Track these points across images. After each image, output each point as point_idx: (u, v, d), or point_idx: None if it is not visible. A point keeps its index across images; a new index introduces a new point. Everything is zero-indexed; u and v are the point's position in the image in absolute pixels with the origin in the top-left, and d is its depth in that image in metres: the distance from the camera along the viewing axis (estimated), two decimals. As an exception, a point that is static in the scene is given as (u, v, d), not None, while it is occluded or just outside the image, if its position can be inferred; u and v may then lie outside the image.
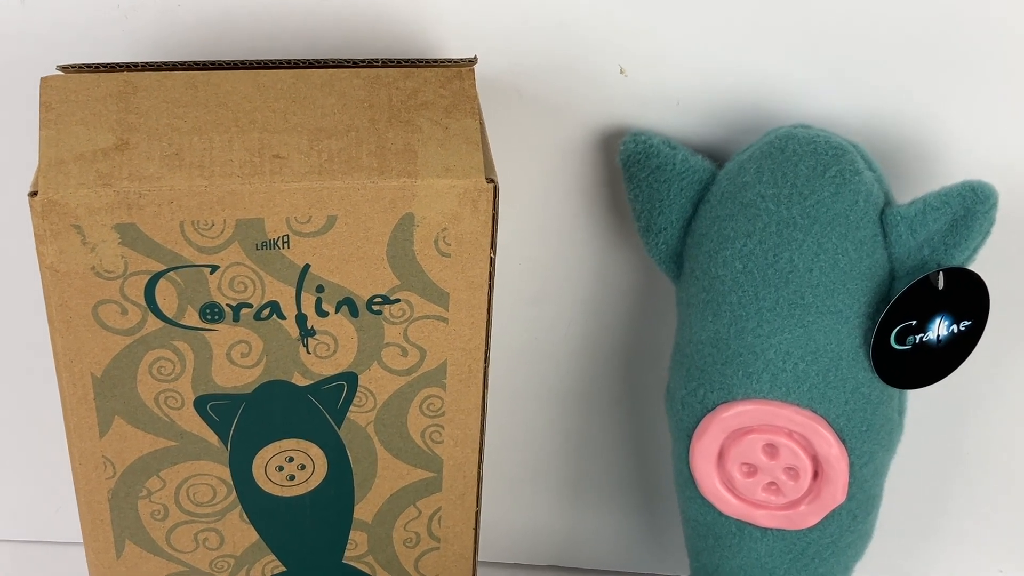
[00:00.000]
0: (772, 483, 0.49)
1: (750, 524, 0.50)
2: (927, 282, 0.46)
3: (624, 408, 0.58)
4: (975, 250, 0.47)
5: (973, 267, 0.47)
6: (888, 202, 0.48)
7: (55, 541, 0.62)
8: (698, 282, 0.49)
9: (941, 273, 0.46)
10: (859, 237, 0.46)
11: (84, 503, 0.47)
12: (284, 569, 0.50)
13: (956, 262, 0.47)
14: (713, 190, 0.49)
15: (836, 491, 0.49)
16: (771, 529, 0.50)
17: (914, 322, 0.47)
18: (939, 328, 0.47)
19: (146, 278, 0.42)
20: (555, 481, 0.60)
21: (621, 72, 0.49)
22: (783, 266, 0.46)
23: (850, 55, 0.48)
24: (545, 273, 0.54)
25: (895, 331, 0.47)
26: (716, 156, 0.50)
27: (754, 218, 0.47)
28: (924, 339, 0.47)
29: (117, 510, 0.47)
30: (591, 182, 0.52)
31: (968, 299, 0.47)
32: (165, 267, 0.42)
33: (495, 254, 0.44)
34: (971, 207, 0.46)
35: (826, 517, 0.50)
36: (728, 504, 0.50)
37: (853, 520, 0.50)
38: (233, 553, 0.49)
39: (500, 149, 0.49)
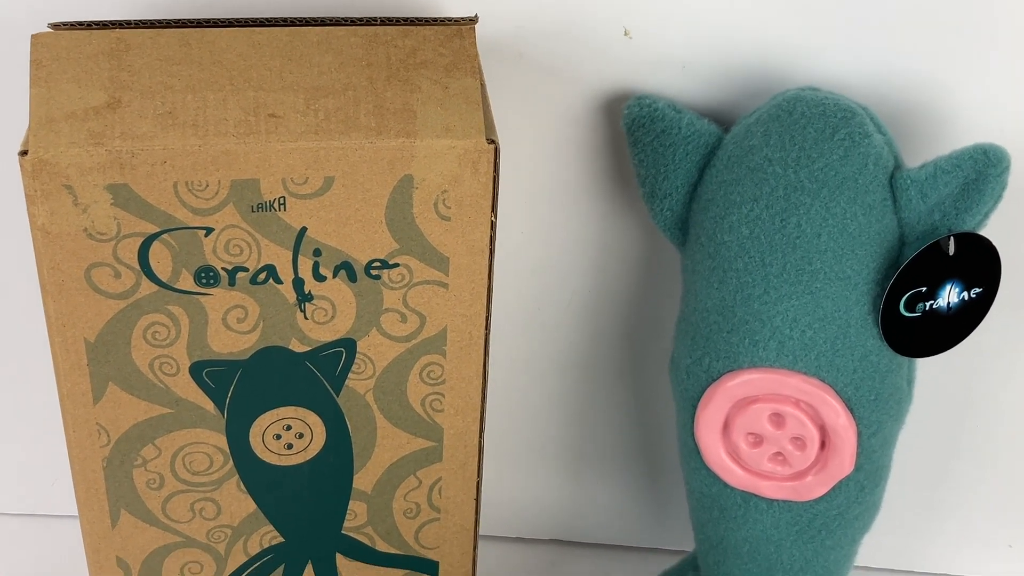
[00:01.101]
0: (778, 453, 0.48)
1: (756, 495, 0.49)
2: (937, 248, 0.46)
3: (628, 379, 0.57)
4: (987, 215, 0.46)
5: (984, 232, 0.46)
6: (898, 166, 0.47)
7: (52, 514, 0.61)
8: (703, 249, 0.48)
9: (952, 238, 0.45)
10: (868, 201, 0.46)
11: (78, 472, 0.46)
12: (282, 540, 0.49)
13: (967, 227, 0.46)
14: (719, 154, 0.48)
15: (843, 461, 0.48)
16: (777, 500, 0.49)
17: (924, 289, 0.46)
18: (949, 295, 0.46)
19: (139, 240, 0.42)
20: (557, 454, 0.59)
21: (626, 34, 0.48)
22: (790, 231, 0.46)
23: (859, 16, 0.47)
24: (547, 241, 0.53)
25: (904, 298, 0.46)
26: (723, 120, 0.49)
27: (761, 182, 0.46)
28: (934, 306, 0.46)
29: (112, 479, 0.47)
30: (594, 147, 0.51)
31: (979, 265, 0.46)
32: (159, 229, 0.42)
33: (496, 217, 0.44)
34: (983, 170, 0.45)
35: (833, 488, 0.49)
36: (733, 475, 0.49)
37: (861, 491, 0.49)
38: (230, 523, 0.48)
39: (501, 113, 0.48)
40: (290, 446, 0.47)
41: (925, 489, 0.58)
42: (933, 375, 0.54)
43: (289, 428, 0.47)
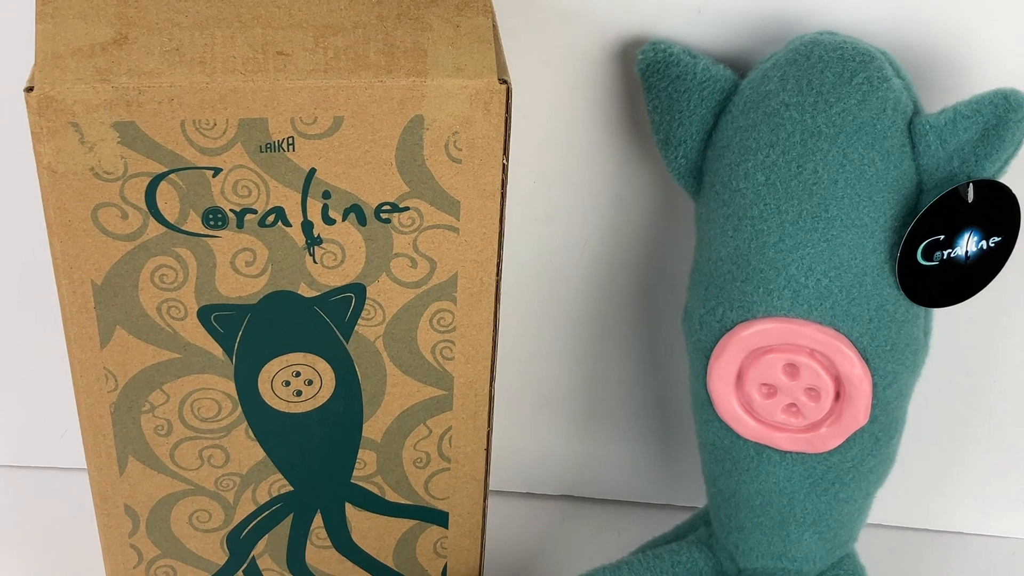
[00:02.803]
0: (792, 404, 0.48)
1: (769, 447, 0.49)
2: (956, 195, 0.45)
3: (641, 332, 0.56)
4: (1007, 161, 0.45)
5: (1005, 180, 0.46)
6: (917, 111, 0.46)
7: (60, 467, 0.61)
8: (718, 196, 0.47)
9: (971, 185, 0.45)
10: (886, 147, 0.45)
11: (85, 417, 0.46)
12: (291, 489, 0.49)
13: (987, 174, 0.45)
14: (735, 100, 0.47)
15: (858, 413, 0.47)
16: (790, 452, 0.49)
17: (942, 237, 0.45)
18: (968, 243, 0.46)
19: (147, 180, 0.41)
20: (569, 408, 0.59)
21: (640, -22, 0.48)
22: (807, 177, 0.45)
23: (879, -40, 0.47)
24: (559, 190, 0.52)
25: (922, 246, 0.45)
26: (739, 66, 0.49)
27: (777, 128, 0.45)
28: (952, 255, 0.46)
29: (119, 424, 0.46)
30: (608, 93, 0.50)
31: (998, 214, 0.46)
32: (166, 169, 0.41)
33: (508, 161, 0.43)
34: (1003, 116, 0.44)
35: (848, 440, 0.48)
36: (746, 426, 0.49)
37: (875, 444, 0.49)
38: (239, 471, 0.48)
39: (514, 59, 0.48)
40: (299, 393, 0.47)
41: (941, 445, 0.57)
42: (950, 326, 0.53)
43: (298, 375, 0.46)
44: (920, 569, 0.58)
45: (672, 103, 0.47)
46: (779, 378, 0.47)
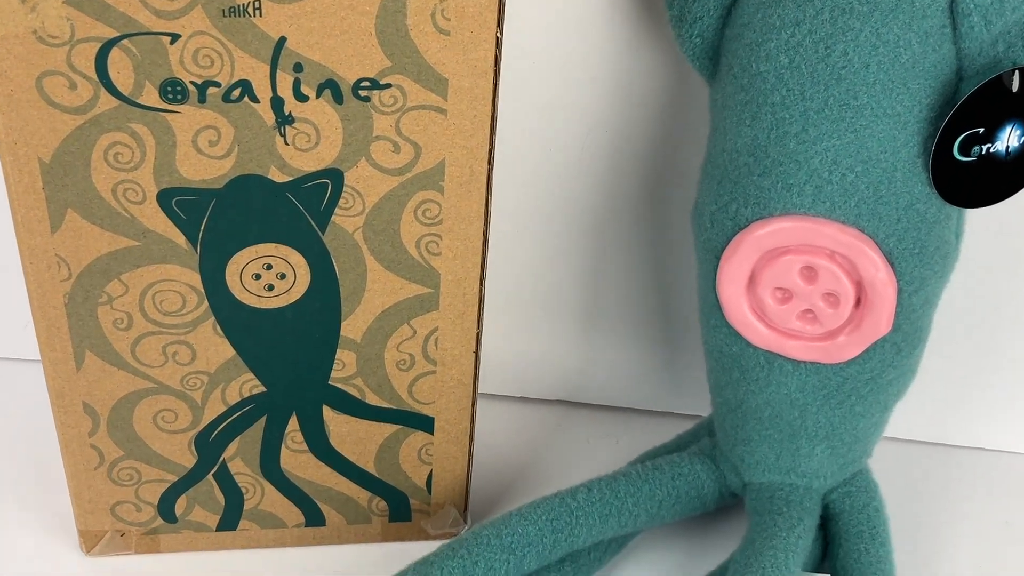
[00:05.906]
0: (808, 311, 0.45)
1: (780, 356, 0.46)
2: (999, 83, 0.41)
3: (646, 229, 0.53)
4: (1059, 47, 0.42)
5: (1054, 68, 0.42)
6: (960, -13, 0.42)
7: (22, 359, 0.59)
8: (736, 80, 0.43)
9: (1016, 73, 0.41)
10: (924, 28, 0.41)
11: (37, 308, 0.43)
12: (264, 389, 0.46)
13: (1035, 61, 0.41)
14: (758, -28, 0.43)
15: (880, 321, 0.44)
16: (804, 362, 0.46)
17: (981, 130, 0.42)
18: (1009, 138, 0.42)
19: (96, 46, 0.37)
20: (566, 309, 0.56)
21: None
22: (836, 60, 0.41)
23: None
24: (560, 71, 0.49)
25: (959, 140, 0.42)
26: (762, -66, 0.44)
27: (804, 3, 0.41)
28: (991, 150, 0.42)
29: (75, 317, 0.43)
30: (617, -37, 0.46)
31: (1046, 105, 0.42)
32: (118, 34, 0.37)
33: (502, 35, 0.39)
34: (1058, -6, 0.40)
35: (867, 350, 0.45)
36: (757, 333, 0.46)
37: (897, 354, 0.46)
38: (207, 370, 0.45)
39: (514, -78, 0.44)
40: (271, 287, 0.43)
41: (965, 356, 0.55)
42: (984, 228, 0.50)
43: (270, 268, 0.43)
44: (937, 486, 0.56)
45: (688, -26, 0.43)
46: (795, 282, 0.44)
